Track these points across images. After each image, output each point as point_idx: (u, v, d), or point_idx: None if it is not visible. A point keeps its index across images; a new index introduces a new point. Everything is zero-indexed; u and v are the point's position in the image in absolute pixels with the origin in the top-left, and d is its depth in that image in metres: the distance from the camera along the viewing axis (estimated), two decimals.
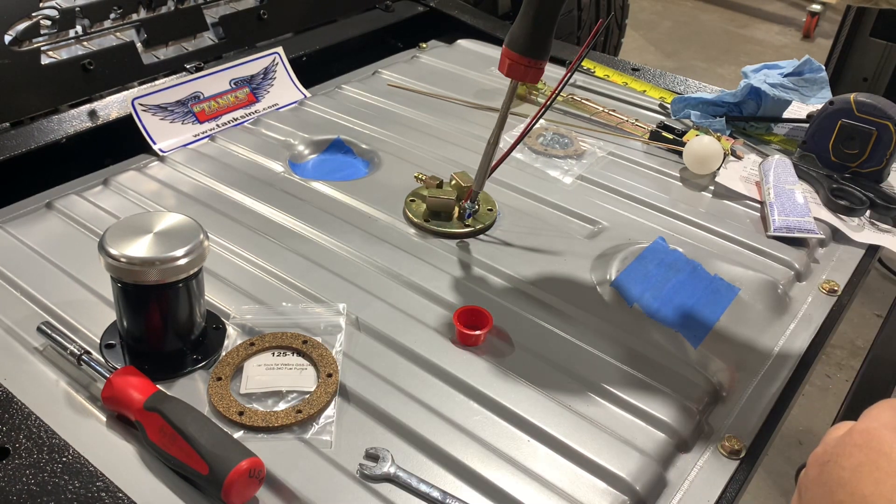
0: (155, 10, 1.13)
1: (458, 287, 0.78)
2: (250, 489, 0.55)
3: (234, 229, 0.85)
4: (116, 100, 1.03)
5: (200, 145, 1.01)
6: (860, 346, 1.98)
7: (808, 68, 1.10)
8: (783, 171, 0.96)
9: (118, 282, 0.63)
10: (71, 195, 0.89)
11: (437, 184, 0.89)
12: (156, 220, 0.64)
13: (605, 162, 1.02)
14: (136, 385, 0.60)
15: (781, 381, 0.70)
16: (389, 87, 1.19)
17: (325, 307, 0.73)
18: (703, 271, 0.81)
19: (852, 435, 0.44)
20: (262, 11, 1.23)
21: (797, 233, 0.87)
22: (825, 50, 2.26)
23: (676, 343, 0.72)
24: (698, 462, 0.62)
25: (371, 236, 0.85)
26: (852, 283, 0.84)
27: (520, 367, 0.68)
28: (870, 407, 0.46)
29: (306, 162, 1.02)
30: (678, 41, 3.73)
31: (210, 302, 0.73)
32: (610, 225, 0.89)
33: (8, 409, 0.58)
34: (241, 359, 0.66)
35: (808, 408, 1.79)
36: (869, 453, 0.42)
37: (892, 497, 0.39)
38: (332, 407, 0.63)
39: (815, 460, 0.45)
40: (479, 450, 0.61)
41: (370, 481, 0.58)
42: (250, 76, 1.11)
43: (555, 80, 1.16)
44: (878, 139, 0.95)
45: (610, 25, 1.87)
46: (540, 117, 0.87)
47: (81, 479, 0.54)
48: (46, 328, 0.66)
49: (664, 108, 1.17)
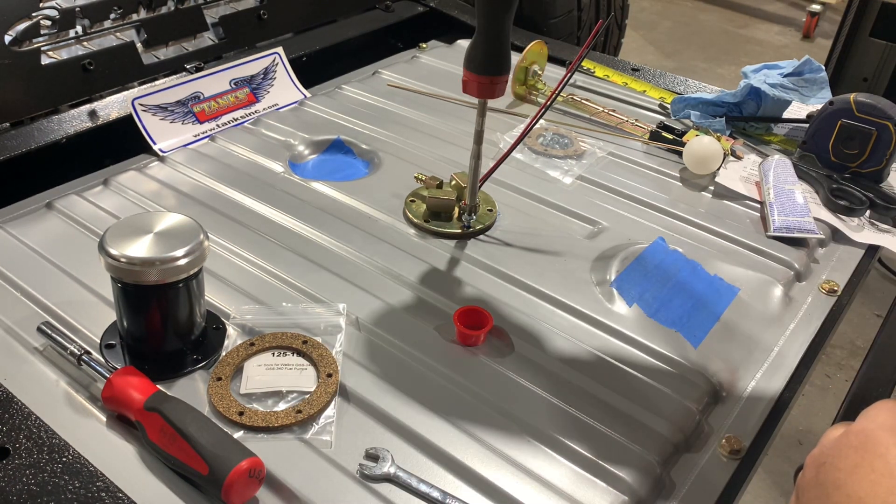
0: (155, 10, 1.13)
1: (458, 287, 0.78)
2: (250, 489, 0.55)
3: (234, 229, 0.85)
4: (116, 100, 1.03)
5: (200, 145, 1.01)
6: (860, 346, 1.98)
7: (807, 68, 1.10)
8: (783, 171, 0.96)
9: (118, 282, 0.63)
10: (71, 195, 0.89)
11: (437, 184, 0.89)
12: (156, 221, 0.64)
13: (605, 162, 1.02)
14: (137, 385, 0.60)
15: (781, 381, 0.70)
16: (389, 88, 1.19)
17: (325, 307, 0.73)
18: (702, 271, 0.81)
19: (848, 436, 0.44)
20: (262, 11, 1.23)
21: (797, 233, 0.87)
22: (825, 50, 2.26)
23: (676, 343, 0.72)
24: (698, 462, 0.62)
25: (371, 236, 0.85)
26: (852, 283, 0.84)
27: (520, 367, 0.69)
28: (867, 408, 0.46)
29: (306, 162, 1.02)
30: (678, 41, 3.73)
31: (210, 302, 0.73)
32: (610, 225, 0.89)
33: (8, 409, 0.58)
34: (241, 359, 0.66)
35: (808, 408, 1.79)
36: (865, 455, 0.42)
37: (888, 499, 0.40)
38: (332, 407, 0.63)
39: (812, 462, 0.45)
40: (479, 450, 0.61)
41: (370, 481, 0.58)
42: (250, 76, 1.11)
43: (555, 80, 1.16)
44: (877, 139, 0.95)
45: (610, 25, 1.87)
46: (540, 117, 0.87)
47: (81, 479, 0.54)
48: (46, 328, 0.66)
49: (664, 109, 1.17)
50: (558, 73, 1.23)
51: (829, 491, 0.42)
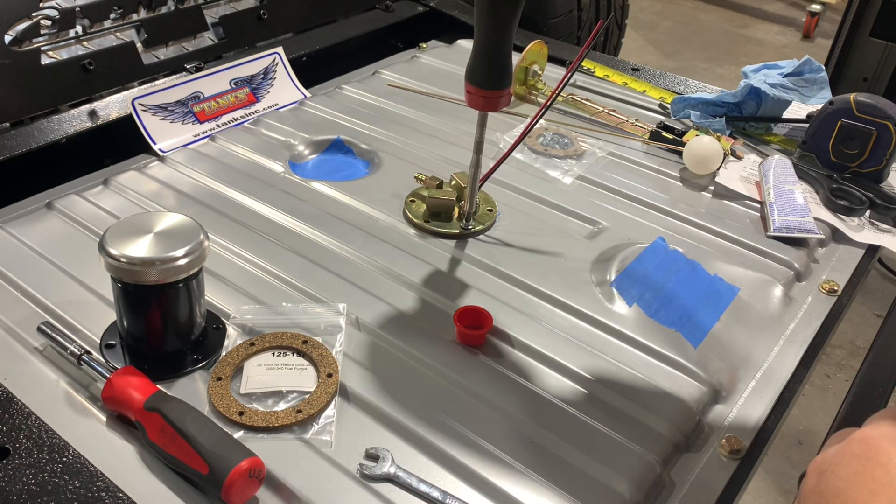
0: (155, 10, 1.13)
1: (459, 287, 0.78)
2: (250, 489, 0.55)
3: (234, 229, 0.85)
4: (116, 100, 1.03)
5: (200, 145, 1.01)
6: (860, 346, 1.98)
7: (807, 68, 1.10)
8: (783, 171, 0.96)
9: (118, 282, 0.63)
10: (71, 195, 0.89)
11: (437, 184, 0.89)
12: (156, 220, 0.64)
13: (605, 162, 1.02)
14: (137, 385, 0.60)
15: (781, 382, 0.70)
16: (389, 87, 1.19)
17: (325, 307, 0.73)
18: (702, 271, 0.81)
19: (851, 444, 0.44)
20: (262, 11, 1.23)
21: (797, 233, 0.87)
22: (825, 50, 2.26)
23: (676, 343, 0.72)
24: (698, 462, 0.62)
25: (371, 236, 0.85)
26: (852, 283, 0.84)
27: (520, 367, 0.69)
28: (873, 415, 0.46)
29: (306, 162, 1.02)
30: (678, 41, 3.73)
31: (210, 302, 0.73)
32: (610, 225, 0.89)
33: (8, 409, 0.58)
34: (241, 359, 0.66)
35: (808, 408, 1.79)
36: (866, 463, 0.42)
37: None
38: (332, 407, 0.63)
39: (814, 468, 0.45)
40: (479, 450, 0.61)
41: (370, 481, 0.58)
42: (250, 76, 1.11)
43: (555, 80, 1.16)
44: (877, 139, 0.95)
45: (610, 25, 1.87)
46: (540, 117, 0.87)
47: (81, 479, 0.54)
48: (46, 328, 0.66)
49: (664, 108, 1.17)
50: (558, 73, 1.23)
51: (829, 499, 0.42)
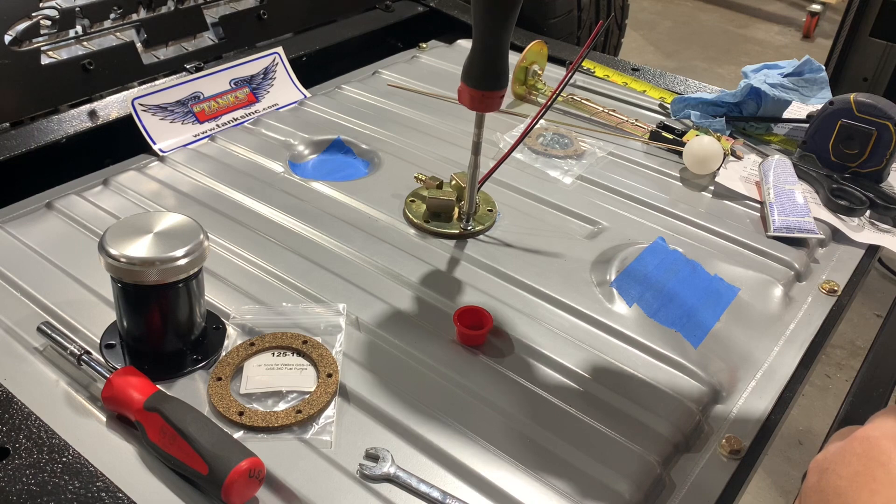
0: (155, 10, 1.13)
1: (459, 287, 0.78)
2: (250, 489, 0.55)
3: (234, 229, 0.85)
4: (116, 100, 1.03)
5: (200, 145, 1.01)
6: (860, 346, 1.98)
7: (808, 68, 1.10)
8: (783, 171, 0.96)
9: (118, 282, 0.63)
10: (71, 195, 0.89)
11: (437, 184, 0.89)
12: (156, 220, 0.64)
13: (604, 162, 1.02)
14: (136, 385, 0.60)
15: (781, 382, 0.70)
16: (389, 87, 1.19)
17: (325, 307, 0.73)
18: (702, 271, 0.81)
19: (853, 443, 0.44)
20: (262, 11, 1.23)
21: (797, 233, 0.87)
22: (825, 50, 2.26)
23: (676, 343, 0.72)
24: (698, 462, 0.62)
25: (371, 236, 0.85)
26: (852, 283, 0.84)
27: (520, 367, 0.69)
28: (874, 414, 0.46)
29: (306, 162, 1.02)
30: (678, 41, 3.73)
31: (210, 302, 0.73)
32: (610, 225, 0.89)
33: (8, 409, 0.58)
34: (241, 359, 0.66)
35: (808, 408, 1.79)
36: (867, 463, 0.42)
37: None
38: (332, 407, 0.63)
39: (815, 467, 0.45)
40: (479, 450, 0.61)
41: (370, 481, 0.58)
42: (250, 76, 1.11)
43: (555, 80, 1.16)
44: (878, 139, 0.95)
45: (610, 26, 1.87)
46: (540, 117, 0.87)
47: (81, 479, 0.54)
48: (46, 328, 0.66)
49: (664, 109, 1.16)
50: (558, 73, 1.23)
51: (830, 497, 0.42)
